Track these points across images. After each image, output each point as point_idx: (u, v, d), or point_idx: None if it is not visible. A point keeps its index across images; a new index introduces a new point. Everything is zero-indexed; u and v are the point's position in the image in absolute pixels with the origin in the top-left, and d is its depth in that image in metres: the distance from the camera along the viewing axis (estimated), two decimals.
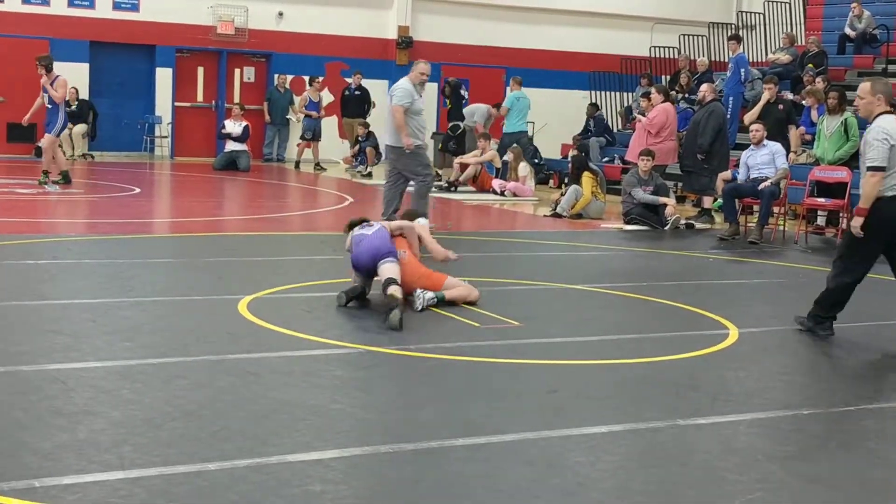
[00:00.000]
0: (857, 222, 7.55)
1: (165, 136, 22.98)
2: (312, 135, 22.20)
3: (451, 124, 20.57)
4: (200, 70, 23.44)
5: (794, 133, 15.61)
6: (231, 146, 21.06)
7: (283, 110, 23.23)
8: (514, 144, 19.18)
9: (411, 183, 12.16)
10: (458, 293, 8.23)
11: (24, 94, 20.61)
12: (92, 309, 7.47)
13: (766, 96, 15.33)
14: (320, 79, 22.94)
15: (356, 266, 8.18)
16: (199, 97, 23.51)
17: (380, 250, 8.01)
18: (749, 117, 15.05)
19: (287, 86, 23.21)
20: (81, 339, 6.60)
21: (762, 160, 13.50)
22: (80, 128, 21.59)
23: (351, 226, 8.43)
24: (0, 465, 4.33)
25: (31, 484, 4.13)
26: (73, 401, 5.28)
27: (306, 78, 23.08)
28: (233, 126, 21.09)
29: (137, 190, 15.25)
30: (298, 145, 22.44)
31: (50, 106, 15.72)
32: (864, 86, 7.67)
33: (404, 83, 12.21)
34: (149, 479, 4.25)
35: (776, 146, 13.62)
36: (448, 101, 21.38)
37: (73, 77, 21.52)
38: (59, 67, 21.47)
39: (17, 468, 4.30)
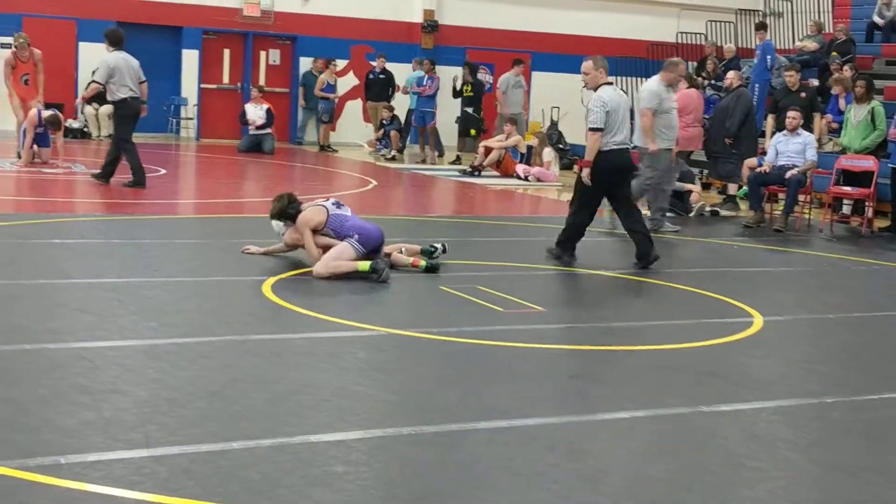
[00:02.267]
0: (585, 173, 9.43)
1: (191, 118, 23.03)
2: (329, 117, 22.20)
3: (466, 111, 20.50)
4: (226, 52, 23.45)
5: (818, 121, 15.52)
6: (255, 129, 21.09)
7: None
8: (540, 130, 19.15)
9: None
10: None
11: (51, 73, 20.72)
12: (117, 288, 7.52)
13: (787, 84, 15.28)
14: (336, 61, 22.85)
15: (367, 243, 8.49)
16: (225, 79, 23.53)
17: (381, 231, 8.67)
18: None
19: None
20: (107, 318, 6.64)
21: (793, 148, 13.43)
22: (106, 108, 21.63)
23: (285, 205, 8.68)
24: (26, 441, 4.38)
25: (56, 461, 4.17)
26: (99, 379, 5.32)
27: (336, 61, 23.02)
28: (254, 111, 21.06)
29: (163, 171, 15.30)
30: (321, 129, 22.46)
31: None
32: (588, 63, 9.75)
33: (652, 84, 12.06)
34: (172, 458, 4.28)
35: (809, 137, 13.54)
36: (468, 86, 21.23)
37: (100, 57, 21.59)
38: (85, 48, 21.79)
39: (42, 445, 4.35)
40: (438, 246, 9.19)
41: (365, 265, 8.35)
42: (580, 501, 4.14)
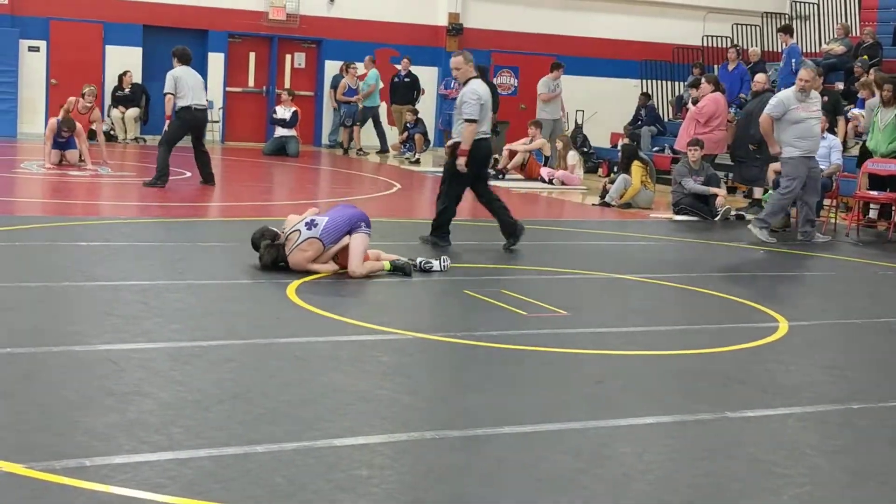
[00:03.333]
0: (462, 160, 10.04)
1: (216, 121, 23.09)
2: (353, 120, 22.23)
3: None
4: (252, 55, 23.53)
5: (842, 125, 15.43)
6: (280, 132, 21.13)
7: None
8: (563, 133, 19.13)
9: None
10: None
11: (76, 77, 20.85)
12: (143, 291, 7.54)
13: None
14: (357, 65, 22.84)
15: (365, 221, 8.62)
16: (251, 82, 23.60)
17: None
18: None
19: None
20: (132, 320, 6.67)
21: (819, 152, 13.37)
22: (133, 112, 21.77)
23: (280, 252, 8.48)
24: (52, 443, 4.40)
25: (82, 463, 4.18)
26: (124, 381, 5.34)
27: (356, 64, 23.06)
28: (283, 112, 21.18)
29: (188, 174, 15.35)
30: (343, 132, 22.52)
31: None
32: (459, 58, 10.28)
33: (784, 92, 12.39)
34: (198, 461, 4.29)
35: (835, 141, 13.49)
36: None
37: (127, 61, 21.77)
38: (111, 51, 21.91)
39: (68, 447, 4.36)
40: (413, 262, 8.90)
41: (388, 264, 8.61)
42: None
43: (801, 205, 12.45)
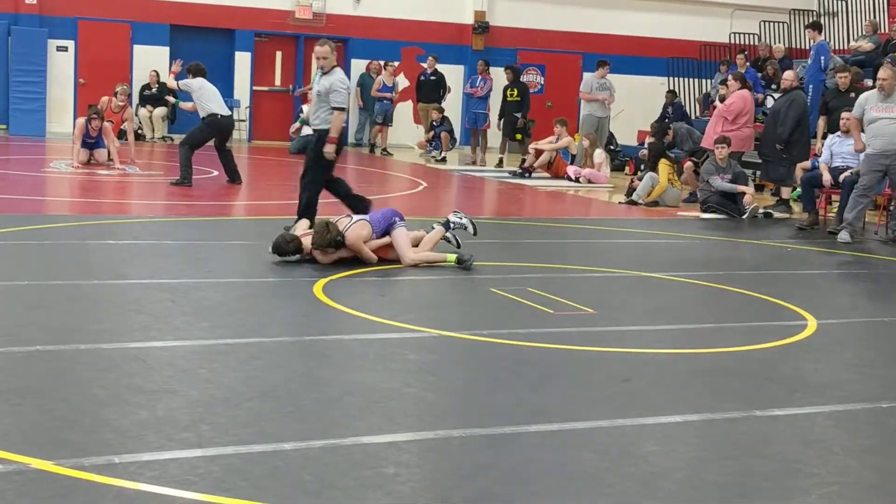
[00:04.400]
0: (331, 149, 9.97)
1: (243, 120, 23.16)
2: (383, 119, 22.25)
3: (513, 116, 20.45)
4: (278, 54, 23.60)
5: None
6: (307, 131, 21.08)
7: None
8: (589, 130, 19.09)
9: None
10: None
11: (104, 76, 20.98)
12: (171, 289, 7.58)
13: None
14: (395, 63, 22.94)
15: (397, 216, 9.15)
16: (277, 81, 23.68)
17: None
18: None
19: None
20: (161, 318, 6.70)
21: (847, 150, 13.31)
22: (160, 111, 21.87)
23: (334, 235, 8.67)
24: (81, 441, 4.43)
25: (110, 460, 4.21)
26: (153, 379, 5.36)
27: (381, 62, 23.09)
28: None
29: (215, 173, 15.40)
30: (373, 129, 22.54)
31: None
32: (325, 48, 10.01)
33: (867, 92, 12.65)
34: (226, 458, 4.31)
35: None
36: (513, 90, 21.07)
37: (154, 60, 21.86)
38: (139, 51, 22.03)
39: (97, 444, 4.39)
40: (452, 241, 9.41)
41: (452, 257, 8.99)
42: None
43: (864, 200, 12.50)
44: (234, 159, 14.89)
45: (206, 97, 14.45)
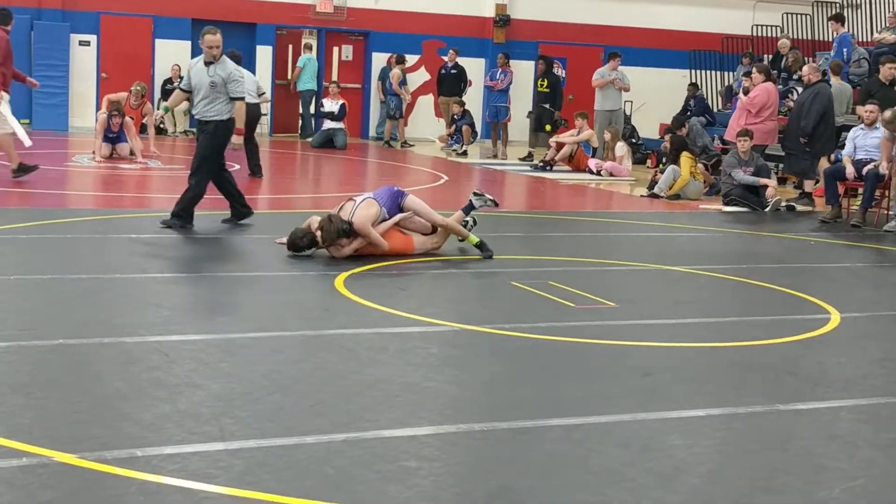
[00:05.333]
0: (239, 139, 10.13)
1: (265, 114, 23.19)
2: (399, 112, 22.24)
3: (543, 107, 20.38)
4: (291, 48, 23.63)
5: None
6: (328, 124, 21.19)
7: None
8: (610, 123, 19.05)
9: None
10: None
11: (127, 71, 21.05)
12: (193, 283, 7.60)
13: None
14: (404, 56, 22.83)
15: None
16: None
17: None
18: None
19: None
20: (183, 312, 6.72)
21: (871, 143, 13.21)
22: (183, 105, 21.90)
23: (339, 226, 8.62)
24: (103, 434, 4.44)
25: (133, 453, 4.22)
26: (175, 372, 5.38)
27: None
28: (331, 105, 21.24)
29: (237, 166, 15.42)
30: (387, 124, 22.57)
31: None
32: (217, 37, 9.85)
33: None
34: (248, 451, 4.32)
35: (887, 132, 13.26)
36: (543, 81, 21.19)
37: (176, 54, 21.91)
38: (161, 45, 22.09)
39: (119, 438, 4.41)
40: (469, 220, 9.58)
41: (474, 238, 9.10)
42: (656, 500, 4.10)
43: None
44: (259, 153, 14.91)
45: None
